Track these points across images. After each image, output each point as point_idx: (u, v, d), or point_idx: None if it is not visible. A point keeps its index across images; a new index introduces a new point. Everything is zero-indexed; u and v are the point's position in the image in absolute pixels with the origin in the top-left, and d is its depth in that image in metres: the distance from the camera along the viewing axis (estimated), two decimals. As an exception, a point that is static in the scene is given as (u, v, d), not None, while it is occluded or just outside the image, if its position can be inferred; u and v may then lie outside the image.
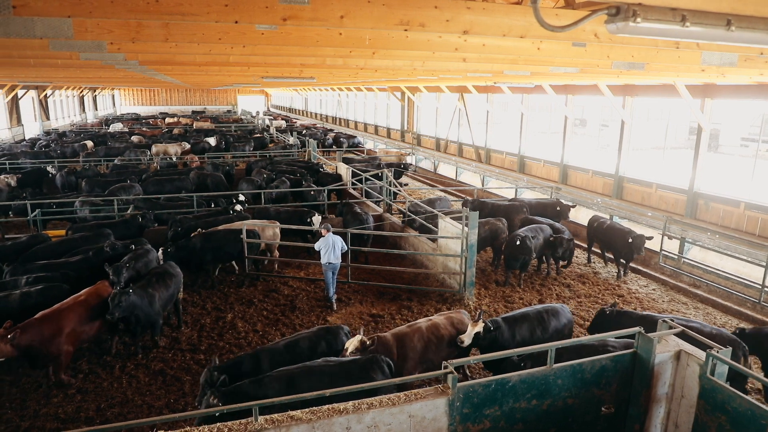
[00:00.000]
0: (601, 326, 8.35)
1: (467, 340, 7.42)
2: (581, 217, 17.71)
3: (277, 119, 51.12)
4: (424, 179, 27.03)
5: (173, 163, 25.32)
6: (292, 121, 52.44)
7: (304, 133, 37.29)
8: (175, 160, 25.92)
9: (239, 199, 15.68)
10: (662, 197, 17.36)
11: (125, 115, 60.43)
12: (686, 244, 13.79)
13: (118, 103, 72.20)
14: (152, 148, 27.19)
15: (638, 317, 8.28)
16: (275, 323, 10.36)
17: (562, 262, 13.49)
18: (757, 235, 14.25)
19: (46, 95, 42.00)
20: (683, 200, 16.48)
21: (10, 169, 21.70)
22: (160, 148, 27.10)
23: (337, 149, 32.07)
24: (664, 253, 13.54)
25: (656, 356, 5.90)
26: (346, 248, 11.24)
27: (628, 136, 18.91)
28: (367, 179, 17.99)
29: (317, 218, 13.72)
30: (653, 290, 12.51)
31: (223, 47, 8.38)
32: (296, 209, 14.78)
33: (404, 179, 23.46)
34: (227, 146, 29.66)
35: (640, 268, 13.61)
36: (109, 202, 15.46)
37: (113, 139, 32.78)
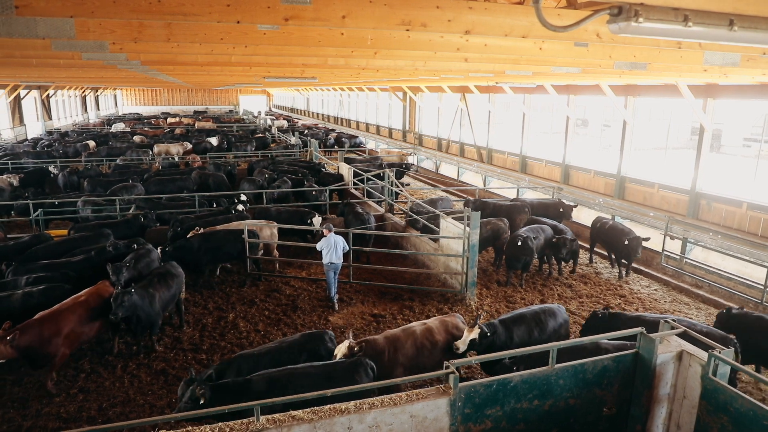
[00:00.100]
0: (594, 329, 8.34)
1: (462, 346, 7.33)
2: (583, 217, 17.68)
3: (278, 119, 51.15)
4: (425, 179, 27.02)
5: (175, 163, 25.35)
6: (293, 121, 52.47)
7: (305, 133, 37.33)
8: (177, 160, 25.95)
9: (241, 199, 15.69)
10: (664, 197, 17.33)
11: (127, 115, 60.56)
12: (688, 244, 13.77)
13: (120, 103, 72.37)
14: (154, 148, 27.24)
15: (629, 318, 8.29)
16: (277, 323, 10.37)
17: (565, 263, 13.37)
18: (759, 235, 14.21)
19: (48, 95, 42.09)
20: (685, 200, 16.45)
21: (12, 168, 21.74)
22: (162, 148, 27.14)
23: (338, 149, 32.07)
24: (666, 253, 13.51)
25: (658, 356, 5.89)
26: (347, 248, 11.24)
27: (630, 136, 18.88)
28: (368, 179, 17.99)
29: (317, 219, 13.73)
30: (655, 290, 12.49)
31: (225, 47, 8.40)
32: (297, 209, 14.79)
33: (406, 179, 23.44)
34: (229, 146, 29.69)
35: (642, 268, 13.59)
36: (111, 201, 15.49)
37: (115, 138, 32.88)
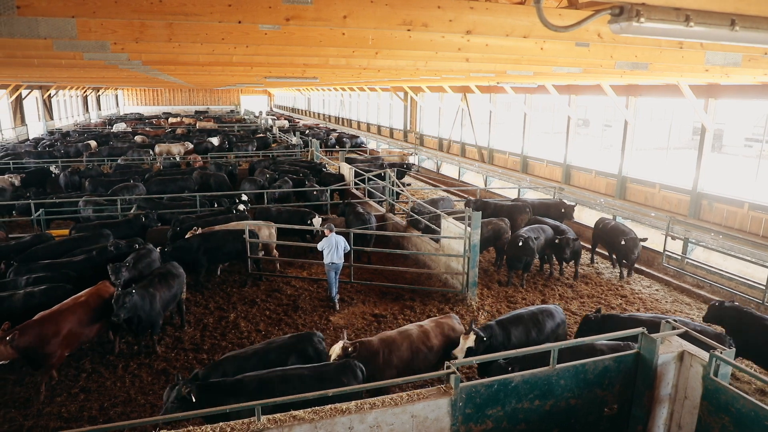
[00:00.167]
0: (587, 333, 8.32)
1: (460, 355, 7.31)
2: (584, 217, 17.69)
3: (280, 119, 51.17)
4: (426, 179, 27.02)
5: (176, 162, 25.36)
6: (294, 121, 52.47)
7: (307, 133, 37.32)
8: (178, 159, 25.97)
9: (242, 199, 15.70)
10: (665, 197, 17.31)
11: (128, 114, 60.67)
12: (690, 244, 13.75)
13: (121, 102, 72.44)
14: (155, 147, 27.28)
15: (623, 319, 8.31)
16: (278, 323, 10.37)
17: (566, 264, 13.27)
18: (760, 235, 14.19)
19: (49, 95, 42.14)
20: (687, 200, 16.44)
21: (14, 168, 21.76)
22: (163, 147, 27.17)
23: (339, 149, 32.09)
24: (667, 253, 13.50)
25: (659, 357, 5.89)
26: (348, 248, 11.25)
27: (631, 136, 18.87)
28: (369, 179, 18.00)
29: (317, 220, 13.75)
30: (656, 291, 12.47)
31: (226, 47, 8.40)
32: (297, 209, 14.81)
33: (407, 179, 23.45)
34: (230, 146, 29.71)
35: (643, 268, 13.57)
36: (112, 201, 15.51)
37: (116, 138, 32.92)
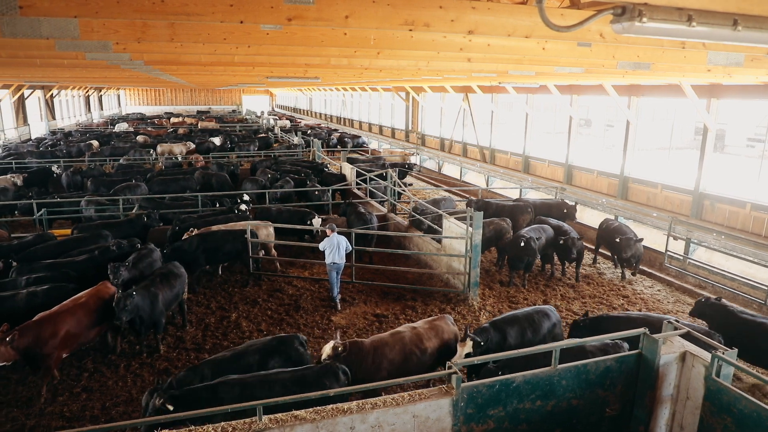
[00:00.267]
0: (578, 337, 8.33)
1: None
2: (585, 217, 17.67)
3: (281, 119, 51.20)
4: (428, 179, 27.01)
5: (178, 162, 25.40)
6: (296, 121, 52.48)
7: (308, 133, 37.34)
8: (180, 159, 26.01)
9: (244, 198, 15.71)
10: (667, 198, 17.29)
11: (130, 114, 60.76)
12: (692, 244, 13.72)
13: (123, 102, 72.55)
14: (157, 147, 27.30)
15: (612, 319, 8.34)
16: (279, 323, 10.37)
17: (569, 264, 13.14)
18: (763, 236, 14.16)
19: (52, 95, 42.22)
20: (689, 201, 16.41)
21: (16, 168, 21.80)
22: (165, 147, 27.21)
23: (341, 149, 32.09)
24: (669, 253, 13.48)
25: (661, 357, 5.88)
26: (350, 248, 11.25)
27: (633, 136, 18.85)
28: (371, 179, 18.00)
29: (317, 220, 13.76)
30: (658, 291, 12.45)
31: (228, 47, 8.40)
32: (297, 210, 14.82)
33: (409, 179, 23.45)
34: (232, 146, 29.73)
35: (645, 268, 13.54)
36: (114, 201, 15.52)
37: (118, 138, 32.96)
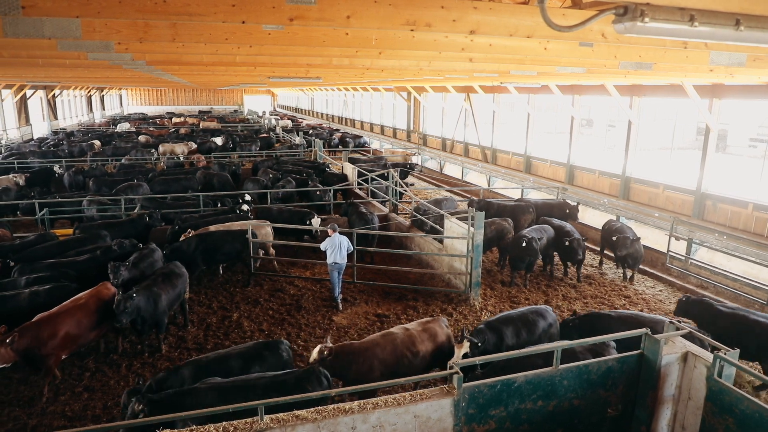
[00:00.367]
0: (569, 336, 8.27)
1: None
2: (587, 218, 17.65)
3: (283, 119, 51.23)
4: (430, 179, 27.01)
5: (180, 162, 25.44)
6: (298, 121, 52.54)
7: (310, 132, 37.38)
8: (181, 159, 26.04)
9: (246, 198, 15.72)
10: (669, 198, 17.25)
11: (132, 114, 60.81)
12: (693, 245, 13.70)
13: (125, 102, 72.63)
14: (159, 147, 27.33)
15: (602, 317, 8.42)
16: (281, 323, 10.38)
17: (571, 265, 13.04)
18: (765, 236, 14.12)
19: (54, 95, 42.29)
20: (690, 201, 16.37)
21: (18, 168, 21.85)
22: (167, 147, 27.23)
23: (343, 149, 32.08)
24: (671, 254, 13.45)
25: (663, 358, 5.87)
26: (352, 248, 11.25)
27: (635, 136, 18.81)
28: (372, 179, 18.00)
29: (316, 220, 13.78)
30: (660, 291, 12.43)
31: (229, 47, 8.41)
32: (297, 210, 14.84)
33: (410, 179, 23.45)
34: (234, 146, 29.77)
35: (646, 269, 13.53)
36: (115, 201, 15.54)
37: (120, 138, 33.03)
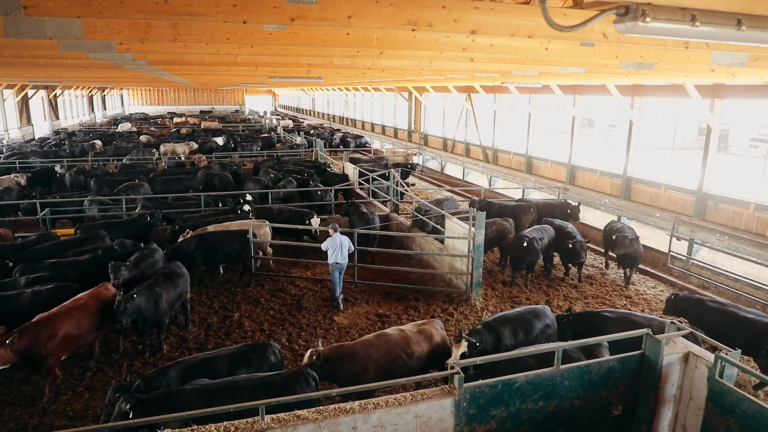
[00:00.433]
0: (564, 333, 8.34)
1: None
2: (588, 218, 17.64)
3: (284, 119, 51.26)
4: (431, 179, 26.99)
5: (181, 162, 25.46)
6: (299, 120, 52.55)
7: (311, 132, 37.38)
8: (182, 159, 26.06)
9: (247, 198, 15.72)
10: (671, 198, 17.24)
11: (134, 114, 60.89)
12: (695, 245, 13.69)
13: (126, 102, 72.67)
14: (160, 147, 27.35)
15: (595, 315, 8.47)
16: (282, 323, 10.39)
17: (573, 265, 12.96)
18: (766, 236, 14.10)
19: (55, 95, 42.32)
20: (692, 201, 16.36)
21: (19, 168, 21.86)
22: (168, 147, 27.25)
23: (344, 149, 32.07)
24: (672, 254, 13.44)
25: (664, 358, 5.87)
26: (353, 248, 11.26)
27: (636, 136, 18.79)
28: (374, 179, 18.00)
29: (316, 220, 13.79)
30: (661, 291, 12.41)
31: (231, 47, 8.41)
32: (298, 210, 14.85)
33: (411, 179, 23.45)
34: (235, 146, 29.79)
35: (648, 269, 13.52)
36: (117, 201, 15.55)
37: (121, 138, 33.06)
